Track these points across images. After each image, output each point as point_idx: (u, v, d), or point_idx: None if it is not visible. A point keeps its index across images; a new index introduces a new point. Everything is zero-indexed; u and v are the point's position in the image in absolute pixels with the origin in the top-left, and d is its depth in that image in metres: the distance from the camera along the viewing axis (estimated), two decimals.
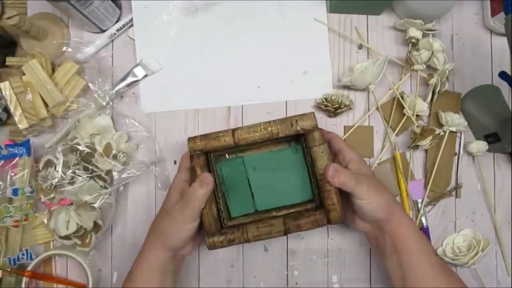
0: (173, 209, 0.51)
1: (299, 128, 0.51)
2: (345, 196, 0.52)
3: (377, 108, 0.64)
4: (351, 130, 0.63)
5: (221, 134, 0.52)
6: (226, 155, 0.57)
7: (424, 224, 0.63)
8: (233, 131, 0.52)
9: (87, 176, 0.57)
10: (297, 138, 0.57)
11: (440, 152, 0.62)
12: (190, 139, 0.52)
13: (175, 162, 0.63)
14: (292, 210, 0.56)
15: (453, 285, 0.51)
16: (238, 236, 0.52)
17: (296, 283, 0.63)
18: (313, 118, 0.52)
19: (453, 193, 0.64)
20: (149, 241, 0.53)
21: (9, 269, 0.58)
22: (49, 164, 0.58)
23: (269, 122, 0.52)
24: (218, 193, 0.54)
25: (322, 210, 0.52)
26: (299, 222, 0.52)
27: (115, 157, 0.58)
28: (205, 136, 0.52)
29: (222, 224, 0.54)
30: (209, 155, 0.54)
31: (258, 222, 0.53)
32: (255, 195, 0.56)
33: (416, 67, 0.62)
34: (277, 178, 0.56)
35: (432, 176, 0.62)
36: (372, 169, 0.63)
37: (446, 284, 0.50)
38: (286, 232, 0.52)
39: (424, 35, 0.63)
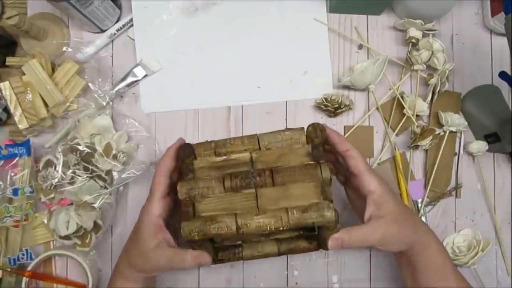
0: (152, 257, 0.47)
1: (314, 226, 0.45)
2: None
3: (377, 108, 0.64)
4: (351, 130, 0.63)
5: (223, 232, 0.43)
6: None
7: None
8: (238, 228, 0.43)
9: (87, 176, 0.57)
10: None
11: (440, 152, 0.62)
12: (185, 227, 0.43)
13: None
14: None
15: None
16: (229, 257, 0.51)
17: (296, 283, 0.63)
18: (335, 224, 0.44)
19: (453, 193, 0.64)
20: (122, 270, 0.51)
21: (9, 269, 0.58)
22: (49, 164, 0.58)
23: (282, 229, 0.43)
24: None
25: (316, 241, 0.51)
26: (292, 249, 0.51)
27: (115, 157, 0.58)
28: (203, 233, 0.43)
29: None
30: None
31: (252, 249, 0.51)
32: None
33: (416, 67, 0.62)
34: None
35: (432, 176, 0.62)
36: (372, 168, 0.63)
37: None
38: (279, 255, 0.51)
39: (424, 35, 0.63)
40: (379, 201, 0.47)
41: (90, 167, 0.57)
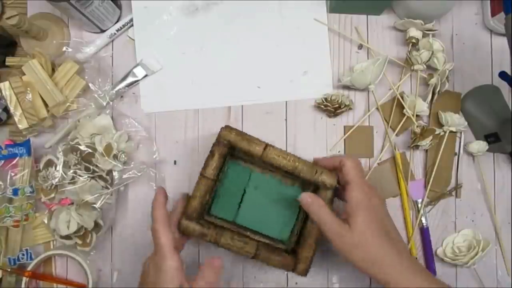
0: None
1: (319, 180, 0.52)
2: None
3: (377, 108, 0.64)
4: (351, 130, 0.63)
5: (256, 142, 0.52)
6: (242, 161, 0.57)
7: (424, 224, 0.63)
8: (266, 145, 0.52)
9: (88, 176, 0.57)
10: (305, 183, 0.56)
11: (440, 152, 0.62)
12: (227, 128, 0.52)
13: (175, 162, 0.63)
14: (266, 241, 0.56)
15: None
16: (211, 234, 0.52)
17: (296, 283, 0.63)
18: (335, 178, 0.52)
19: (453, 193, 0.64)
20: None
21: (9, 269, 0.58)
22: (49, 164, 0.58)
23: (299, 158, 0.52)
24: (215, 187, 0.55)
25: (293, 256, 0.53)
26: (270, 256, 0.53)
27: (115, 157, 0.58)
28: (240, 134, 0.52)
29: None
30: (227, 156, 0.54)
31: (234, 233, 0.53)
32: (242, 208, 0.57)
33: (416, 67, 0.62)
34: (268, 205, 0.57)
35: (432, 176, 0.62)
36: (372, 169, 0.63)
37: None
38: (254, 257, 0.53)
39: (424, 35, 0.63)
40: (364, 215, 0.46)
41: (91, 167, 0.57)
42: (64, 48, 0.62)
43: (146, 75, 0.63)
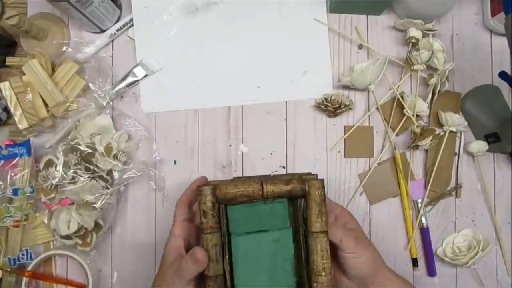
0: (167, 274, 0.48)
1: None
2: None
3: (377, 108, 0.64)
4: (351, 130, 0.63)
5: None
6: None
7: (424, 224, 0.63)
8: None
9: (89, 177, 0.57)
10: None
11: (440, 152, 0.62)
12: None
13: (175, 162, 0.63)
14: None
15: None
16: None
17: None
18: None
19: (453, 193, 0.64)
20: None
21: (9, 269, 0.58)
22: (49, 164, 0.58)
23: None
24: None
25: None
26: None
27: (115, 156, 0.58)
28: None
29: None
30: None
31: None
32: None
33: (416, 67, 0.62)
34: (261, 263, 0.49)
35: (432, 176, 0.62)
36: (372, 169, 0.63)
37: None
38: None
39: (424, 35, 0.63)
40: (344, 220, 0.53)
41: (91, 167, 0.57)
42: (64, 48, 0.62)
43: (146, 75, 0.63)
